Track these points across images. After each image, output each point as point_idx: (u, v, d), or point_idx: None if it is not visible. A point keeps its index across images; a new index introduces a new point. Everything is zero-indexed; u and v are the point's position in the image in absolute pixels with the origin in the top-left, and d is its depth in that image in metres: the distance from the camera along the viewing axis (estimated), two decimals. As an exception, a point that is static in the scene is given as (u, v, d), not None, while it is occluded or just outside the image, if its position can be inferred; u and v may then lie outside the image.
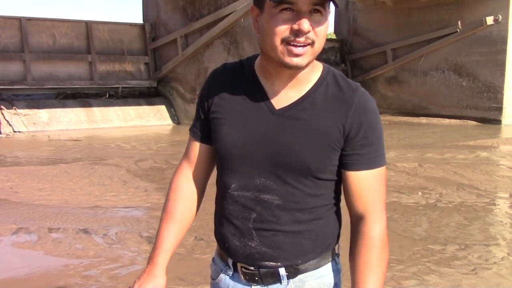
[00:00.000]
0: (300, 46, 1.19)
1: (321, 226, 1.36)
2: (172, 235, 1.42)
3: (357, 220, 1.34)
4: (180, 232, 1.45)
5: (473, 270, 3.79)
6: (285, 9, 1.18)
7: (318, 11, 1.19)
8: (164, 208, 1.46)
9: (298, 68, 1.23)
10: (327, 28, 1.24)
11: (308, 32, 1.18)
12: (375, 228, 1.31)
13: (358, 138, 1.28)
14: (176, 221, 1.43)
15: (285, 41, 1.19)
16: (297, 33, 1.18)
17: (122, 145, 10.09)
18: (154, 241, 1.44)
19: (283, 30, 1.19)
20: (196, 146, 1.44)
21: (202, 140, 1.43)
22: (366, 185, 1.31)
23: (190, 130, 1.47)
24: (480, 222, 5.01)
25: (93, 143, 10.41)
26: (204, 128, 1.40)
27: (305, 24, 1.17)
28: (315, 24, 1.19)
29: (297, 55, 1.20)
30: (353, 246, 1.33)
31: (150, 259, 1.40)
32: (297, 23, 1.17)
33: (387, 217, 1.36)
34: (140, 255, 4.05)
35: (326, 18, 1.21)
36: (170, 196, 1.46)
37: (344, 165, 1.31)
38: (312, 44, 1.20)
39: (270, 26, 1.21)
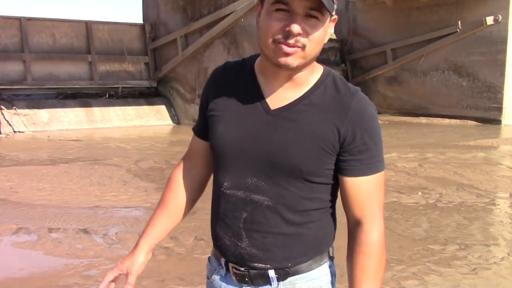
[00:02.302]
0: (290, 46, 1.19)
1: (314, 230, 1.34)
2: (160, 224, 1.48)
3: (354, 226, 1.32)
4: (170, 221, 1.49)
5: (473, 270, 3.79)
6: (281, 9, 1.18)
7: (314, 16, 1.18)
8: (161, 197, 1.52)
9: (288, 68, 1.23)
10: (324, 34, 1.23)
11: (298, 34, 1.17)
12: (373, 235, 1.29)
13: (355, 143, 1.26)
14: (167, 211, 1.49)
15: (276, 41, 1.20)
16: (287, 34, 1.18)
17: (122, 145, 10.09)
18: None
19: (275, 30, 1.19)
20: (196, 142, 1.49)
21: (200, 137, 1.47)
22: (364, 191, 1.30)
23: (193, 126, 1.52)
24: (480, 222, 5.01)
25: (93, 143, 10.41)
26: (203, 126, 1.43)
27: (295, 27, 1.17)
28: (309, 28, 1.18)
29: (286, 54, 1.20)
30: (351, 253, 1.32)
31: (136, 242, 1.48)
32: (288, 24, 1.17)
33: (386, 217, 1.36)
34: (140, 255, 4.05)
35: (323, 24, 1.20)
36: (167, 185, 1.52)
37: (341, 170, 1.30)
38: (303, 47, 1.19)
39: (265, 23, 1.21)
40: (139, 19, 15.85)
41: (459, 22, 14.39)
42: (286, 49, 1.19)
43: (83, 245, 4.23)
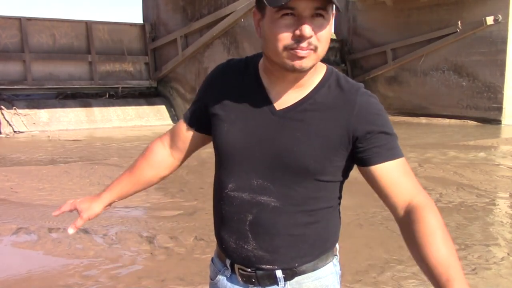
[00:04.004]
0: (303, 50, 1.18)
1: (320, 229, 1.33)
2: (126, 187, 1.55)
3: (403, 210, 1.22)
4: (134, 189, 1.56)
5: (473, 270, 3.79)
6: (286, 14, 1.16)
7: (320, 15, 1.16)
8: (133, 163, 1.58)
9: (302, 71, 1.22)
10: (330, 31, 1.22)
11: (310, 37, 1.16)
12: (428, 212, 1.18)
13: (372, 133, 1.23)
14: (134, 178, 1.55)
15: (288, 48, 1.18)
16: (299, 39, 1.16)
17: (122, 145, 10.10)
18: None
19: (285, 37, 1.17)
20: (182, 127, 1.49)
21: (188, 123, 1.47)
22: (397, 175, 1.24)
23: (184, 113, 1.52)
24: (480, 222, 5.01)
25: (93, 143, 10.41)
26: (197, 115, 1.44)
27: (306, 29, 1.15)
28: (317, 28, 1.17)
29: (301, 58, 1.18)
30: (413, 235, 1.17)
31: (99, 193, 1.55)
32: (298, 28, 1.15)
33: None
34: (140, 255, 4.05)
35: (328, 21, 1.19)
36: (142, 154, 1.57)
37: (365, 161, 1.25)
38: (315, 49, 1.18)
39: (272, 32, 1.19)
40: (139, 19, 15.86)
41: (459, 22, 14.39)
42: (301, 53, 1.17)
43: (83, 245, 4.23)
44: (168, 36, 13.70)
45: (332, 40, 15.11)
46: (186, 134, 1.48)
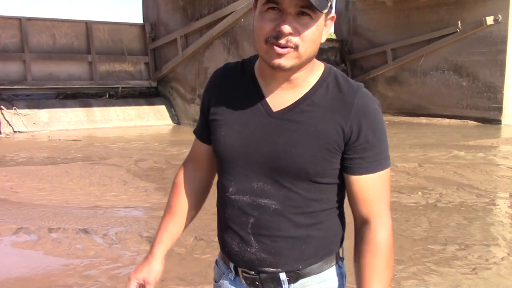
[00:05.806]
0: (282, 47, 1.17)
1: (323, 231, 1.32)
2: (171, 228, 1.48)
3: (361, 225, 1.30)
4: (180, 225, 1.49)
5: (473, 270, 3.79)
6: (272, 8, 1.16)
7: (307, 14, 1.15)
8: (167, 202, 1.51)
9: (281, 69, 1.20)
10: (318, 32, 1.19)
11: (289, 34, 1.15)
12: (381, 234, 1.27)
13: (359, 141, 1.24)
14: (176, 215, 1.48)
15: (269, 42, 1.17)
16: (278, 34, 1.16)
17: (122, 145, 10.09)
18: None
19: (267, 30, 1.17)
20: (198, 145, 1.47)
21: (202, 140, 1.45)
22: (370, 189, 1.27)
23: (194, 129, 1.50)
24: (480, 222, 5.01)
25: (93, 143, 10.41)
26: (205, 129, 1.41)
27: (285, 26, 1.14)
28: (301, 27, 1.16)
29: (279, 55, 1.17)
30: (358, 251, 1.30)
31: (149, 250, 1.48)
32: (280, 24, 1.15)
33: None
34: (140, 255, 4.04)
35: (315, 22, 1.17)
36: (172, 190, 1.51)
37: (346, 169, 1.27)
38: (295, 48, 1.17)
39: (258, 24, 1.20)
40: (139, 19, 15.86)
41: (459, 22, 14.38)
42: (278, 50, 1.17)
43: (83, 245, 4.23)
44: (168, 36, 13.69)
45: (332, 40, 14.99)
46: (204, 151, 1.46)
